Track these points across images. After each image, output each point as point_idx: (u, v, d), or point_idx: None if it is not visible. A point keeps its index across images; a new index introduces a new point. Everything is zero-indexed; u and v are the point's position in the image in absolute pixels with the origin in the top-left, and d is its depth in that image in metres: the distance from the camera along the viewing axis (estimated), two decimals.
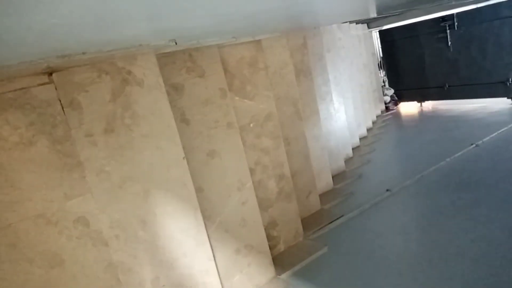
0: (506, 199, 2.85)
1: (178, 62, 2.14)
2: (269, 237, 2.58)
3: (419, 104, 6.93)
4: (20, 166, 1.53)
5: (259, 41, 2.63)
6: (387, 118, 6.49)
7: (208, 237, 2.11)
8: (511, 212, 2.66)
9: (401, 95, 7.14)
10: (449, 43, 5.91)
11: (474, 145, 4.10)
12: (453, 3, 4.07)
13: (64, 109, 1.63)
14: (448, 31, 5.85)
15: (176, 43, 1.99)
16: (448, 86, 6.22)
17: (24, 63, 1.36)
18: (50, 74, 1.59)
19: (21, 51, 1.24)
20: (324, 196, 3.57)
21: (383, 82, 7.32)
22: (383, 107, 6.95)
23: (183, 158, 1.99)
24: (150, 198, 1.88)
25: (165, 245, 1.93)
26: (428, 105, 6.81)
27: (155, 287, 1.88)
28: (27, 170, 1.54)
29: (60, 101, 1.62)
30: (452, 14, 5.66)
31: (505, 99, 5.57)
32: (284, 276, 2.46)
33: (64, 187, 1.63)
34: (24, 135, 1.53)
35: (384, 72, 7.36)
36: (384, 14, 5.06)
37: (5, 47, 1.11)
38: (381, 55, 7.34)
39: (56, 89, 1.61)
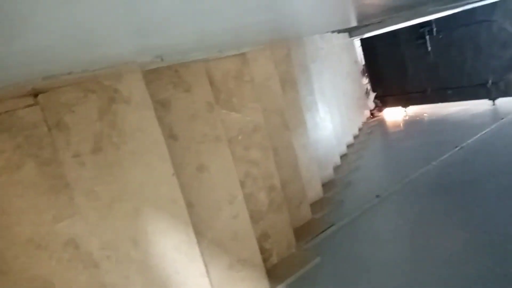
0: (492, 200, 2.89)
1: (164, 78, 2.14)
2: (261, 250, 2.57)
3: (403, 109, 7.03)
4: (8, 190, 1.50)
5: (244, 54, 2.65)
6: (372, 124, 6.58)
7: (201, 252, 2.09)
8: (497, 213, 2.70)
9: (385, 101, 7.23)
10: (429, 48, 6.03)
11: (458, 148, 4.17)
12: (430, 9, 4.17)
13: (50, 130, 1.61)
14: (427, 36, 5.97)
15: (162, 59, 1.99)
16: (430, 90, 6.34)
17: (9, 86, 1.35)
18: (36, 95, 1.57)
19: (6, 74, 1.22)
20: (315, 205, 3.57)
21: (367, 89, 7.42)
22: (368, 114, 7.05)
23: (173, 174, 1.98)
24: (140, 216, 1.85)
25: (157, 263, 1.91)
26: (412, 109, 6.92)
27: None
28: (15, 194, 1.51)
29: (46, 122, 1.60)
30: (430, 20, 5.79)
31: (486, 100, 5.70)
32: None
33: (53, 210, 1.60)
34: (11, 159, 1.51)
35: (367, 80, 7.46)
36: (364, 23, 5.15)
37: None
38: (364, 62, 7.45)
39: (42, 110, 1.59)
